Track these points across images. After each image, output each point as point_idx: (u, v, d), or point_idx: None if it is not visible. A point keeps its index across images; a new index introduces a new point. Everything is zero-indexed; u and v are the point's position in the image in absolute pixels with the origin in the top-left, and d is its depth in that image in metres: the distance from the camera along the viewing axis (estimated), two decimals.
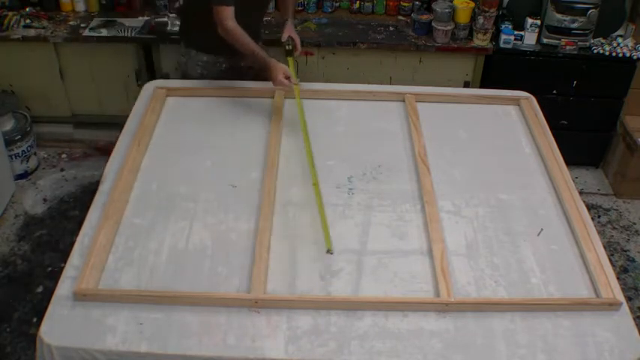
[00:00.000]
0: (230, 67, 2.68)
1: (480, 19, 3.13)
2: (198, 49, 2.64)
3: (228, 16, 2.36)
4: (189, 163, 2.22)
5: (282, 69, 2.35)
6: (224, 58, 2.64)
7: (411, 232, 1.96)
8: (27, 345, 2.48)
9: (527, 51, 3.21)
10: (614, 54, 3.17)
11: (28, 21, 3.25)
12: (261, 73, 2.52)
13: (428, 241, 1.91)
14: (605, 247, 2.06)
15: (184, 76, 2.75)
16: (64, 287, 1.73)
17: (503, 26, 3.19)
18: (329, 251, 1.81)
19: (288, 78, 2.34)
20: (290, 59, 2.59)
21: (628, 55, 3.16)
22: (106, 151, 3.36)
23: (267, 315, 1.67)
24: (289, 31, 2.63)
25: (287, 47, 2.60)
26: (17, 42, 3.19)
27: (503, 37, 3.17)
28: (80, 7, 3.40)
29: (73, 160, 3.58)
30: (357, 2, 3.43)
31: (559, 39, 3.18)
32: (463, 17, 3.17)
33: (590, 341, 1.65)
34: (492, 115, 2.57)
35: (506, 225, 2.00)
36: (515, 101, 2.61)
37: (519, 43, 3.21)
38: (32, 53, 3.25)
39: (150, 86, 2.60)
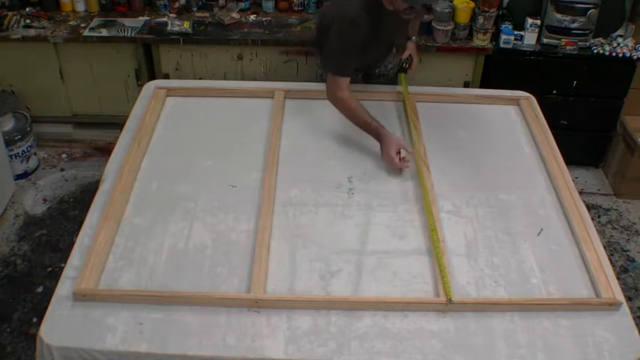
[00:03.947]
0: (365, 74, 2.68)
1: (480, 19, 3.13)
2: None
3: (342, 86, 2.26)
4: (189, 163, 2.22)
5: (396, 143, 2.15)
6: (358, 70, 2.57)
7: (411, 232, 1.96)
8: (27, 345, 2.48)
9: (527, 51, 3.21)
10: (614, 54, 3.16)
11: (28, 21, 3.25)
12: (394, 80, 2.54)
13: (428, 241, 1.91)
14: (605, 247, 2.06)
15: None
16: (64, 287, 1.73)
17: (503, 26, 3.19)
18: (450, 300, 1.69)
19: (399, 153, 2.14)
20: (403, 75, 2.61)
21: (628, 55, 3.16)
22: (106, 151, 3.37)
23: (267, 315, 1.67)
24: (411, 50, 2.64)
25: (404, 65, 2.64)
26: (17, 42, 3.18)
27: (503, 37, 3.17)
28: (80, 7, 3.40)
29: (73, 160, 3.58)
30: None
31: (559, 39, 3.18)
32: (463, 17, 3.17)
33: (590, 341, 1.64)
34: (492, 115, 2.56)
35: (506, 225, 2.00)
36: (515, 101, 2.61)
37: (519, 43, 3.21)
38: (32, 53, 3.25)
39: (150, 86, 2.61)
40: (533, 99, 2.61)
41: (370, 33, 2.22)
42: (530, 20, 3.16)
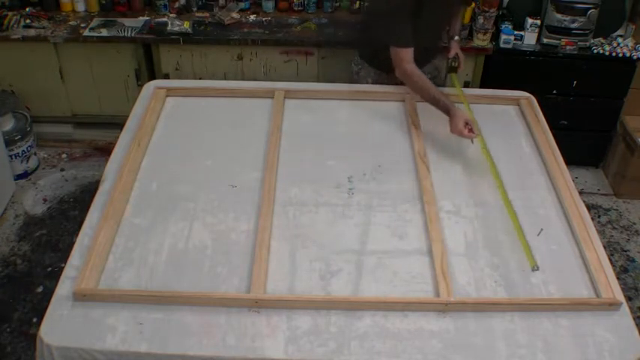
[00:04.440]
0: (394, 83, 2.67)
1: (480, 19, 3.13)
2: (371, 64, 2.64)
3: (406, 58, 2.32)
4: (189, 163, 2.22)
5: (464, 117, 2.22)
6: (389, 75, 2.59)
7: (411, 232, 1.96)
8: (27, 345, 2.49)
9: (527, 51, 3.21)
10: (614, 54, 3.16)
11: (28, 21, 3.25)
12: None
13: (428, 241, 1.91)
14: (605, 247, 2.06)
15: (353, 82, 2.75)
16: (64, 287, 1.73)
17: (503, 26, 3.19)
18: (534, 268, 1.78)
19: (467, 124, 2.20)
20: (453, 75, 2.63)
21: (628, 55, 3.16)
22: (106, 151, 3.38)
23: (267, 315, 1.67)
24: (455, 49, 2.66)
25: (452, 64, 2.65)
26: (17, 42, 3.19)
27: (503, 37, 3.17)
28: (80, 7, 3.40)
29: (73, 160, 3.58)
30: (357, 2, 3.43)
31: (559, 39, 3.18)
32: (463, 17, 3.17)
33: (590, 341, 1.64)
34: (492, 115, 2.56)
35: (507, 225, 2.00)
36: (515, 101, 2.61)
37: (519, 43, 3.22)
38: (32, 53, 3.25)
39: (150, 86, 2.60)
40: (533, 99, 2.61)
41: (416, 8, 2.27)
42: (530, 20, 3.16)
